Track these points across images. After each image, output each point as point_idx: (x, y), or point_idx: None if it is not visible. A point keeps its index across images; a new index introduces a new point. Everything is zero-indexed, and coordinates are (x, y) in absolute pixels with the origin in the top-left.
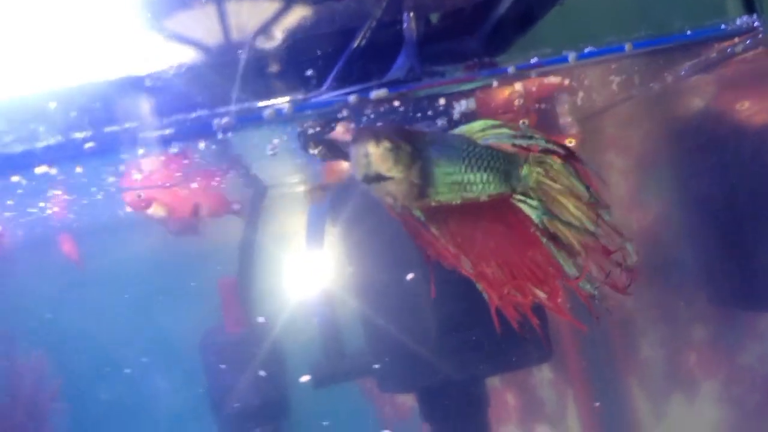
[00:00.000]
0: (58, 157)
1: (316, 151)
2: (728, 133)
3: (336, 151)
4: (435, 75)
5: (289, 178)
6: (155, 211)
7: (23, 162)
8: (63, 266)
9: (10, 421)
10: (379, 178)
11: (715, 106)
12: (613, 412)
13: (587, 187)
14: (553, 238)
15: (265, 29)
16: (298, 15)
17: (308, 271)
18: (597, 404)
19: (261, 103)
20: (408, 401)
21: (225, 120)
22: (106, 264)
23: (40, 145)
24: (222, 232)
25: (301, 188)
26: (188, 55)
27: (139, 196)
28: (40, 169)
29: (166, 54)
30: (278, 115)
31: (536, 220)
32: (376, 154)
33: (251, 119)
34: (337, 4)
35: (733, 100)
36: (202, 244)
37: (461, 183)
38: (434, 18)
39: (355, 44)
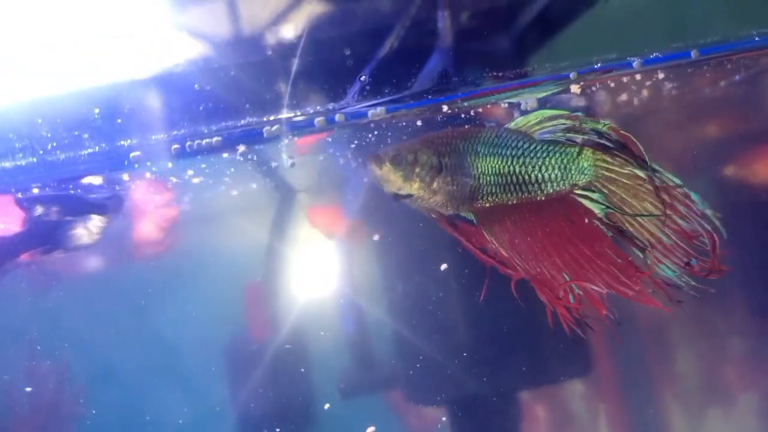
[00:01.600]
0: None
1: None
2: None
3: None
4: (469, 84)
5: (315, 184)
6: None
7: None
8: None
9: (30, 425)
10: (397, 197)
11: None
12: (647, 426)
13: (652, 170)
14: (620, 230)
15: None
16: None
17: (337, 279)
18: None
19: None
20: (435, 413)
21: (276, 127)
22: (130, 267)
23: (85, 152)
24: (246, 237)
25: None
26: (222, 61)
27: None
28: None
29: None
30: (329, 122)
31: (600, 214)
32: (382, 177)
33: (301, 126)
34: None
35: None
36: (226, 248)
37: (516, 183)
38: (464, 18)
39: (388, 47)
